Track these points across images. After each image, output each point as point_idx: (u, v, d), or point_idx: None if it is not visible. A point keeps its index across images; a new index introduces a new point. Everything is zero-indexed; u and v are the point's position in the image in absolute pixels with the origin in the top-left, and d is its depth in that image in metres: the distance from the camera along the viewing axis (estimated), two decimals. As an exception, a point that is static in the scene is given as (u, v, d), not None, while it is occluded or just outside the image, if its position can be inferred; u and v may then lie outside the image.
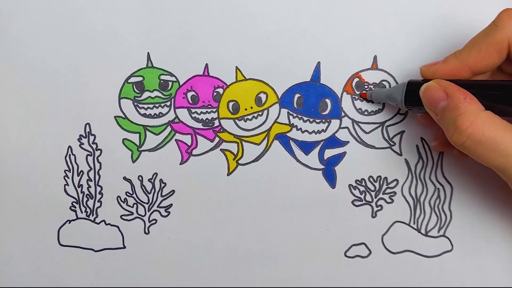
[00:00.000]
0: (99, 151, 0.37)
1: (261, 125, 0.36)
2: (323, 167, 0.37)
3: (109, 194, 0.37)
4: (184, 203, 0.37)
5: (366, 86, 0.36)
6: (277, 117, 0.36)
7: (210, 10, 0.36)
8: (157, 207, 0.37)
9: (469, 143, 0.27)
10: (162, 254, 0.38)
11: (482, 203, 0.37)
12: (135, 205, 0.38)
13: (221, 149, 0.37)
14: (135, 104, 0.37)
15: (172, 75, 0.36)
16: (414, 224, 0.37)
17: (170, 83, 0.36)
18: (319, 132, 0.36)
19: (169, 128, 0.37)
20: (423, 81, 0.31)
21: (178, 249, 0.38)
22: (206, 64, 0.36)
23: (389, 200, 0.37)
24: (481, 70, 0.30)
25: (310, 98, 0.36)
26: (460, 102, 0.27)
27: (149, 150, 0.37)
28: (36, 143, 0.37)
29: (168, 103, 0.37)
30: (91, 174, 0.37)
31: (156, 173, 0.37)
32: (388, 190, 0.37)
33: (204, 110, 0.37)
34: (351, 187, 0.37)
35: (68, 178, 0.37)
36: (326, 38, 0.36)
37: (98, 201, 0.38)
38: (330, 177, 0.37)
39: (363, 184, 0.37)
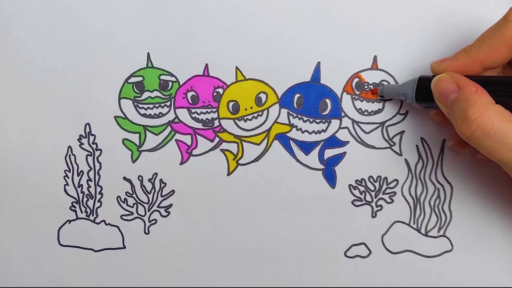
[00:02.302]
0: (99, 151, 0.37)
1: (261, 125, 0.36)
2: (323, 167, 0.37)
3: (109, 194, 0.37)
4: (184, 203, 0.37)
5: (366, 86, 0.36)
6: (277, 117, 0.36)
7: (210, 10, 0.36)
8: (157, 207, 0.37)
9: (477, 133, 0.26)
10: (162, 254, 0.38)
11: (482, 203, 0.37)
12: (135, 205, 0.38)
13: (221, 149, 0.37)
14: (135, 104, 0.37)
15: (172, 75, 0.36)
16: (414, 224, 0.37)
17: (170, 83, 0.36)
18: (319, 132, 0.36)
19: (169, 128, 0.37)
20: (433, 77, 0.31)
21: (178, 249, 0.38)
22: (206, 64, 0.36)
23: (389, 200, 0.37)
24: (492, 65, 0.30)
25: (310, 98, 0.36)
26: (471, 94, 0.27)
27: (149, 150, 0.37)
28: (36, 143, 0.37)
29: (168, 103, 0.37)
30: (91, 174, 0.37)
31: (156, 173, 0.37)
32: (388, 190, 0.37)
33: (204, 110, 0.37)
34: (351, 187, 0.37)
35: (68, 178, 0.37)
36: (326, 38, 0.36)
37: (98, 201, 0.38)
38: (330, 177, 0.37)
39: (363, 184, 0.37)
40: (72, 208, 0.38)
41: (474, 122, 0.26)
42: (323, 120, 0.36)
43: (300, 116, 0.36)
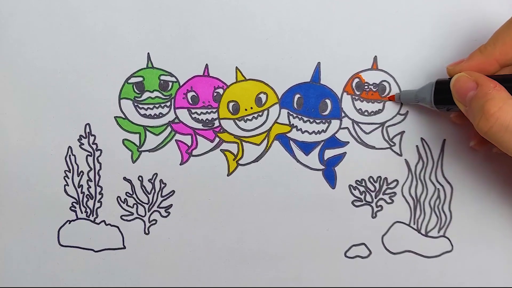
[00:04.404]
0: (99, 152, 0.37)
1: (261, 125, 0.36)
2: (323, 167, 0.37)
3: (109, 194, 0.37)
4: (184, 203, 0.37)
5: (366, 87, 0.36)
6: (277, 118, 0.36)
7: (210, 10, 0.36)
8: (157, 207, 0.37)
9: (496, 128, 0.26)
10: (162, 254, 0.38)
11: (482, 203, 0.37)
12: (135, 206, 0.38)
13: (221, 150, 0.37)
14: (135, 104, 0.37)
15: (172, 75, 0.36)
16: (414, 224, 0.37)
17: (170, 84, 0.36)
18: (319, 132, 0.36)
19: (169, 129, 0.37)
20: (450, 79, 0.31)
21: (178, 249, 0.38)
22: (206, 64, 0.36)
23: (389, 201, 0.37)
24: (508, 62, 0.30)
25: (310, 98, 0.36)
26: (490, 89, 0.27)
27: (149, 151, 0.37)
28: (36, 143, 0.37)
29: (168, 104, 0.37)
30: (91, 174, 0.37)
31: (156, 174, 0.37)
32: (388, 191, 0.37)
33: (204, 111, 0.36)
34: (351, 187, 0.37)
35: (68, 178, 0.37)
36: (326, 38, 0.36)
37: (98, 202, 0.38)
38: (330, 178, 0.37)
39: (363, 184, 0.37)
40: (72, 208, 0.38)
41: (493, 116, 0.26)
42: (323, 121, 0.36)
43: (300, 117, 0.36)
